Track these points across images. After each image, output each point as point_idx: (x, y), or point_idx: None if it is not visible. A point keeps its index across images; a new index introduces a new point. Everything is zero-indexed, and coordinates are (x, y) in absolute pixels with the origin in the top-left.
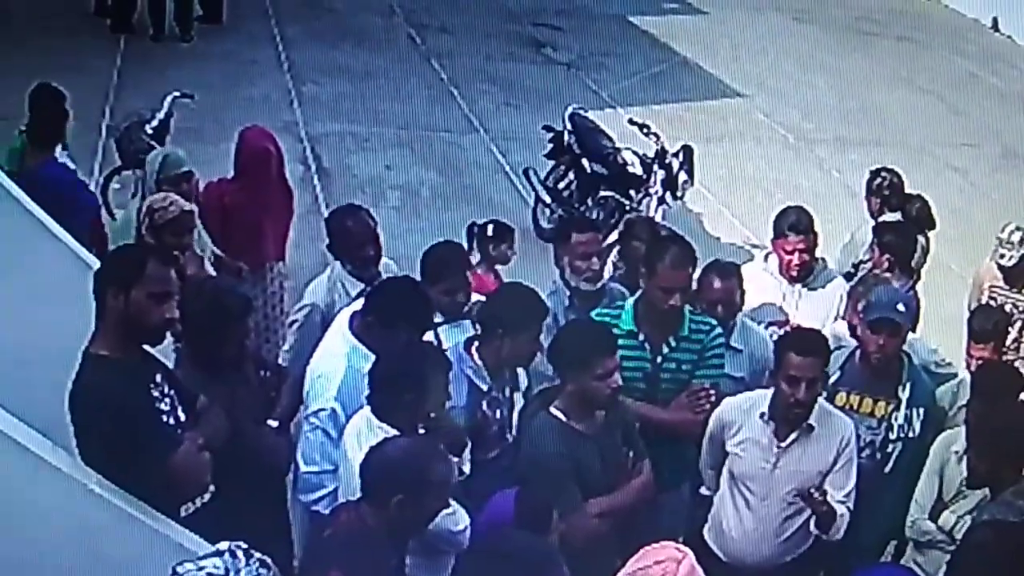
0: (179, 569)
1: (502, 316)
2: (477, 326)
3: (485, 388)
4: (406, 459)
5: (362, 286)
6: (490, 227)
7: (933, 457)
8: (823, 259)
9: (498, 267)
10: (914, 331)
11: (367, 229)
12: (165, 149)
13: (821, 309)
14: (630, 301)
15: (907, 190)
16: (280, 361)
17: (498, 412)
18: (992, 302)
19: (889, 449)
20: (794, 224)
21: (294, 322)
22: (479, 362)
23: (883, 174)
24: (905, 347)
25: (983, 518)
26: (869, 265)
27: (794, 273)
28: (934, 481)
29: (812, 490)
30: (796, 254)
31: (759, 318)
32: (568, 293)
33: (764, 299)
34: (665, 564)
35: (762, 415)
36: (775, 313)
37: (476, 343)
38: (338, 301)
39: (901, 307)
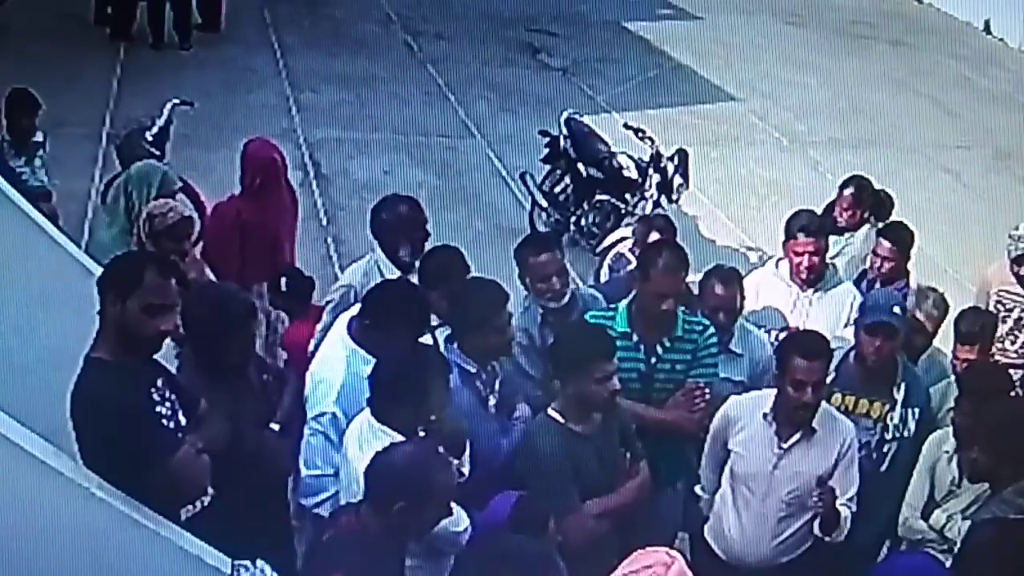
0: None
1: (464, 313)
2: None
3: (474, 371)
4: (411, 467)
5: (399, 273)
6: None
7: (924, 457)
8: (833, 264)
9: None
10: None
11: (421, 216)
12: (160, 166)
13: (832, 314)
14: (624, 303)
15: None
16: (311, 346)
17: (490, 388)
18: (1000, 306)
19: (885, 449)
20: (805, 226)
21: (329, 302)
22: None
23: (862, 182)
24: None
25: (985, 516)
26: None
27: (804, 276)
28: (925, 481)
29: (817, 492)
30: (806, 256)
31: (765, 323)
32: (540, 311)
33: (773, 306)
34: (654, 569)
35: (764, 415)
36: (779, 319)
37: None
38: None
39: (897, 310)
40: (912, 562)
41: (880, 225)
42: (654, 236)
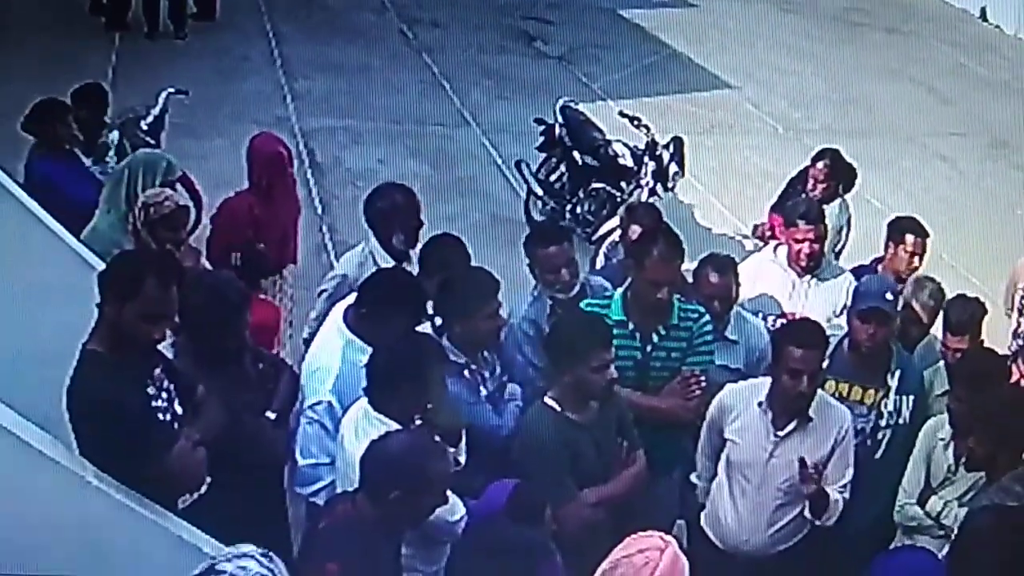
0: (217, 567)
1: (449, 305)
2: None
3: (462, 361)
4: (407, 456)
5: (393, 263)
6: None
7: (920, 444)
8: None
9: None
10: None
11: (415, 205)
12: (164, 155)
13: (830, 300)
14: (619, 291)
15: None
16: (304, 334)
17: (481, 377)
18: None
19: (879, 436)
20: (805, 213)
21: (323, 291)
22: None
23: (835, 154)
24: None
25: (983, 503)
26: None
27: (803, 263)
28: (921, 468)
29: (810, 470)
30: (806, 243)
31: (762, 310)
32: (550, 302)
33: (771, 291)
34: (648, 553)
35: (760, 404)
36: (776, 306)
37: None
38: (368, 274)
39: (889, 295)
40: (907, 561)
41: (846, 197)
42: (635, 229)
